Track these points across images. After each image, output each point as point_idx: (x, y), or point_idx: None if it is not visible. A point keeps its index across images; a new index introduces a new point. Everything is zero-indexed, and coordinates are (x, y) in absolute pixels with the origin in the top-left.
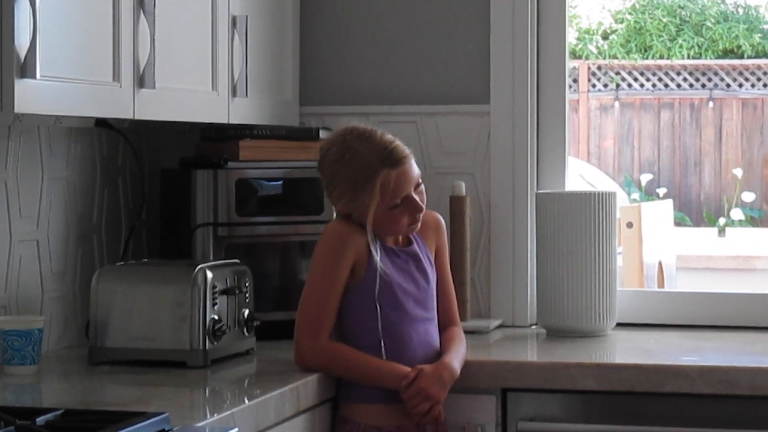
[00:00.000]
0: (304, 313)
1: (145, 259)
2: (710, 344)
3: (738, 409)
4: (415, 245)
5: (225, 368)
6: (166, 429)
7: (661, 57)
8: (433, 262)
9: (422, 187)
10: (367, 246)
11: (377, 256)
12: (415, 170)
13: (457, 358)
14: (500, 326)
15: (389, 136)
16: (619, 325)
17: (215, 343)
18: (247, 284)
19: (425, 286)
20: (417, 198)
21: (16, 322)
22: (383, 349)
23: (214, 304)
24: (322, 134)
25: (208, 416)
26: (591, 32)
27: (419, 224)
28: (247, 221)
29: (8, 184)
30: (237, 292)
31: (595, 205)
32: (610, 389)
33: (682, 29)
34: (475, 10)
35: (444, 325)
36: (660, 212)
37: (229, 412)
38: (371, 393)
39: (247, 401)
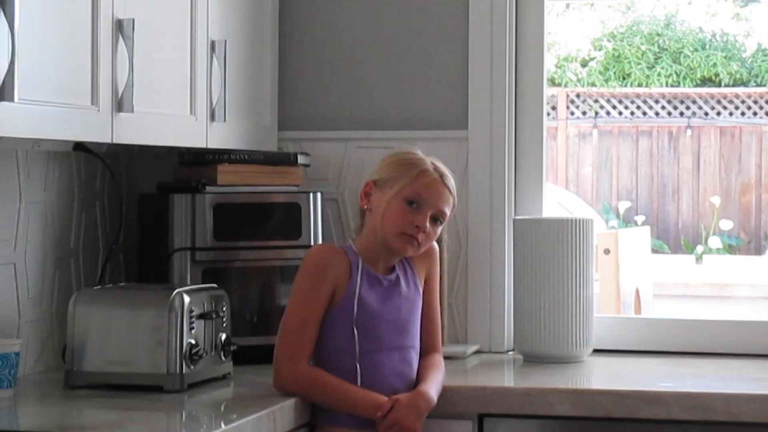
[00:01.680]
0: (283, 337)
1: (123, 283)
2: (687, 370)
3: None
4: (401, 272)
5: (202, 392)
6: None
7: (640, 85)
8: (420, 288)
9: (440, 228)
10: (348, 271)
11: (358, 279)
12: (447, 205)
13: (434, 386)
14: (477, 352)
15: None
16: (596, 351)
17: (192, 367)
18: (224, 309)
19: (407, 313)
20: (429, 225)
21: None
22: (359, 375)
23: (191, 329)
24: (300, 159)
25: None
26: (570, 59)
27: (413, 249)
28: (225, 246)
29: None
30: (214, 316)
31: (572, 231)
32: (587, 415)
33: (661, 57)
34: (453, 36)
35: (424, 352)
36: (637, 239)
37: None
38: (346, 418)
39: (223, 425)
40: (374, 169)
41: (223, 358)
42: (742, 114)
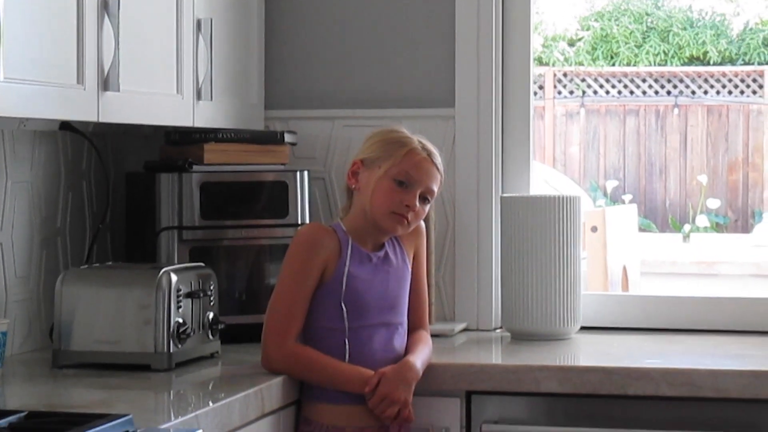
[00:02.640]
0: (272, 316)
1: (110, 263)
2: (673, 347)
3: (701, 412)
4: (390, 250)
5: (189, 371)
6: (130, 431)
7: (628, 64)
8: (409, 266)
9: (428, 206)
10: (338, 249)
11: (347, 258)
12: (435, 183)
13: (420, 358)
14: (465, 330)
15: None
16: (583, 328)
17: (179, 346)
18: (211, 287)
19: (395, 291)
20: (418, 204)
21: None
22: (347, 351)
23: (178, 307)
24: (287, 138)
25: (172, 418)
26: (557, 39)
27: (403, 228)
28: (212, 224)
29: None
30: (201, 295)
31: (559, 208)
32: (574, 392)
33: (649, 36)
34: (440, 14)
35: (412, 329)
36: (624, 217)
37: (193, 415)
38: (333, 394)
39: (211, 404)
40: (361, 148)
41: (210, 336)
42: (730, 93)
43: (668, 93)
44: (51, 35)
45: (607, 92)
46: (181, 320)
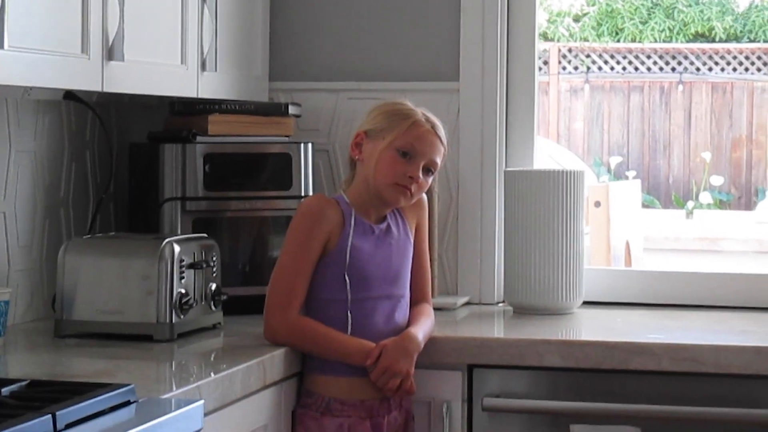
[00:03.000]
0: (275, 287)
1: (113, 233)
2: (676, 323)
3: (703, 387)
4: (392, 222)
5: (191, 342)
6: (131, 400)
7: (633, 40)
8: (411, 239)
9: (431, 178)
10: (342, 221)
11: (351, 230)
12: (439, 155)
13: (421, 330)
14: (467, 303)
15: None
16: (586, 303)
17: (182, 316)
18: (214, 258)
19: (398, 263)
20: (421, 176)
21: None
22: (350, 323)
23: (181, 278)
24: (291, 110)
25: (174, 389)
26: (562, 15)
27: (406, 199)
28: (216, 196)
29: None
30: (204, 266)
31: (563, 183)
32: (576, 366)
33: (654, 12)
34: None
35: (415, 301)
36: (628, 192)
37: (194, 385)
38: (335, 366)
39: (213, 375)
40: (365, 120)
41: (213, 307)
42: (734, 70)
43: (673, 70)
44: (56, 4)
45: (612, 68)
46: (183, 291)
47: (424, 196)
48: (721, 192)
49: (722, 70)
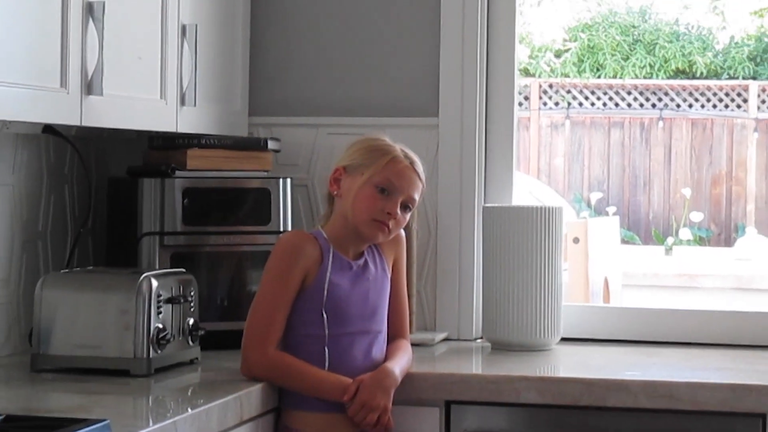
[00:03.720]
0: (253, 322)
1: (91, 267)
2: (653, 359)
3: (679, 423)
4: (369, 258)
5: (169, 377)
6: None
7: (614, 76)
8: (389, 274)
9: (409, 214)
10: (320, 257)
11: (329, 266)
12: (417, 191)
13: (398, 365)
14: (445, 339)
15: None
16: (564, 339)
17: (159, 351)
18: (192, 293)
19: (375, 299)
20: (399, 212)
21: None
22: (327, 359)
23: (158, 313)
24: (271, 144)
25: (151, 424)
26: (544, 50)
27: (384, 235)
28: (194, 230)
29: None
30: (182, 300)
31: (541, 219)
32: (554, 403)
33: (635, 48)
34: (425, 23)
35: (392, 337)
36: (607, 228)
37: (171, 421)
38: (312, 402)
39: (189, 410)
40: (343, 155)
41: (190, 342)
42: (714, 106)
43: (653, 106)
44: (35, 38)
45: (593, 104)
46: (161, 326)
47: (402, 231)
48: (700, 228)
49: (702, 106)
